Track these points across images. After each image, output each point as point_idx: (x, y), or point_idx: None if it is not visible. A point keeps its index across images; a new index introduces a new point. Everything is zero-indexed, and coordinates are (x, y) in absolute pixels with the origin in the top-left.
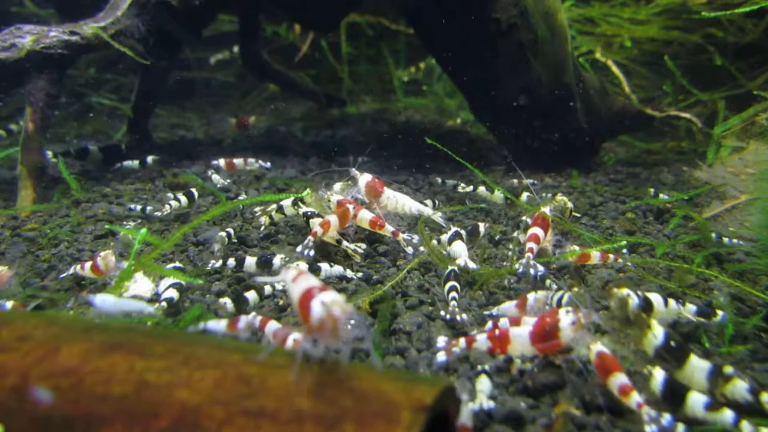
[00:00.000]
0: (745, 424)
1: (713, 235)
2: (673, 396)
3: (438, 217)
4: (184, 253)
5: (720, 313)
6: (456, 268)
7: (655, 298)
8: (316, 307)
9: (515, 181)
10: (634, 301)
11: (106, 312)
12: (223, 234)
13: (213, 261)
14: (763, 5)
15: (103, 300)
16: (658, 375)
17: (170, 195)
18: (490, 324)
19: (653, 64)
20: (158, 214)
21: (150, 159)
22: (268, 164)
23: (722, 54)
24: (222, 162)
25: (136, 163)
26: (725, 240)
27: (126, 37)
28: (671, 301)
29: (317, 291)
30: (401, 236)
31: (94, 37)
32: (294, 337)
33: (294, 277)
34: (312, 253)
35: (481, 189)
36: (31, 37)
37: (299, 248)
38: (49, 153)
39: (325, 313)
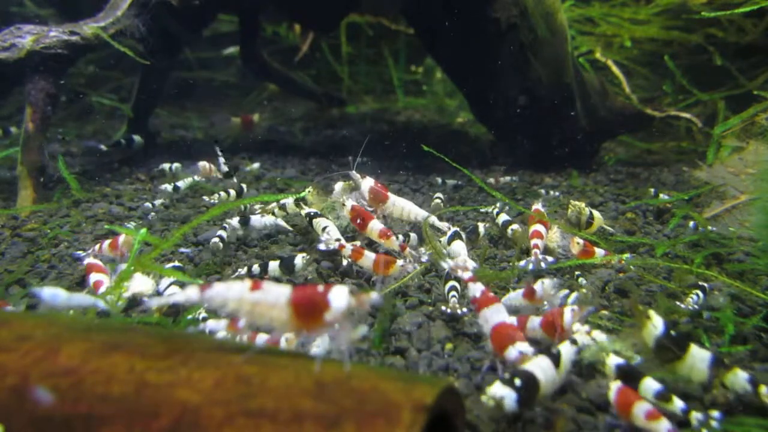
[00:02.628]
0: (695, 414)
1: (691, 224)
2: (627, 381)
3: (445, 225)
4: (183, 252)
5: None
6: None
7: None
8: (340, 299)
9: (492, 180)
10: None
11: (56, 306)
12: (216, 240)
13: (239, 269)
14: (763, 5)
15: (53, 294)
16: (611, 362)
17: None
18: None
19: (653, 64)
20: (207, 199)
21: (182, 185)
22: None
23: (722, 54)
24: (200, 165)
25: (169, 187)
26: (701, 229)
27: (126, 37)
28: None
29: (320, 287)
30: (408, 250)
31: (94, 37)
32: (286, 337)
33: (251, 287)
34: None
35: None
36: (31, 37)
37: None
38: (103, 147)
39: (355, 302)
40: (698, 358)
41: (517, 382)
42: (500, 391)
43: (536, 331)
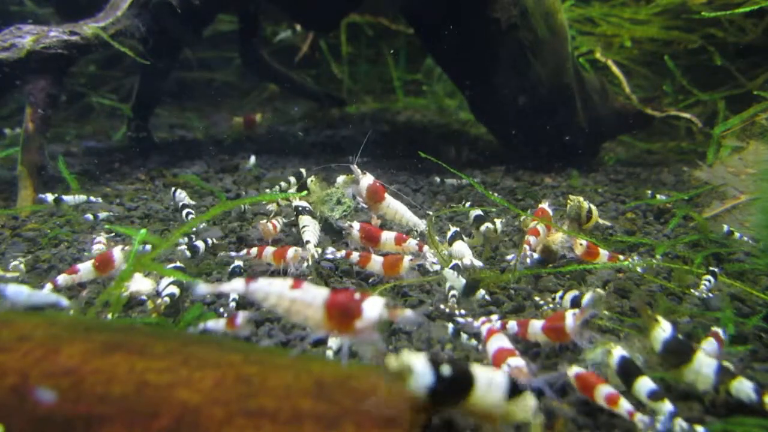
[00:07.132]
0: (680, 421)
1: (725, 228)
2: (625, 375)
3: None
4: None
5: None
6: (458, 264)
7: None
8: (373, 309)
9: (454, 181)
10: None
11: (18, 303)
12: (200, 244)
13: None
14: (763, 5)
15: (17, 291)
16: (617, 353)
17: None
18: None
19: (653, 64)
20: (268, 191)
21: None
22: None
23: (722, 54)
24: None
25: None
26: (733, 233)
27: (126, 37)
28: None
29: (357, 295)
30: (426, 248)
31: (94, 37)
32: None
33: (292, 285)
34: None
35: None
36: (31, 37)
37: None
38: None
39: (388, 314)
40: (704, 364)
41: None
42: None
43: (538, 335)
